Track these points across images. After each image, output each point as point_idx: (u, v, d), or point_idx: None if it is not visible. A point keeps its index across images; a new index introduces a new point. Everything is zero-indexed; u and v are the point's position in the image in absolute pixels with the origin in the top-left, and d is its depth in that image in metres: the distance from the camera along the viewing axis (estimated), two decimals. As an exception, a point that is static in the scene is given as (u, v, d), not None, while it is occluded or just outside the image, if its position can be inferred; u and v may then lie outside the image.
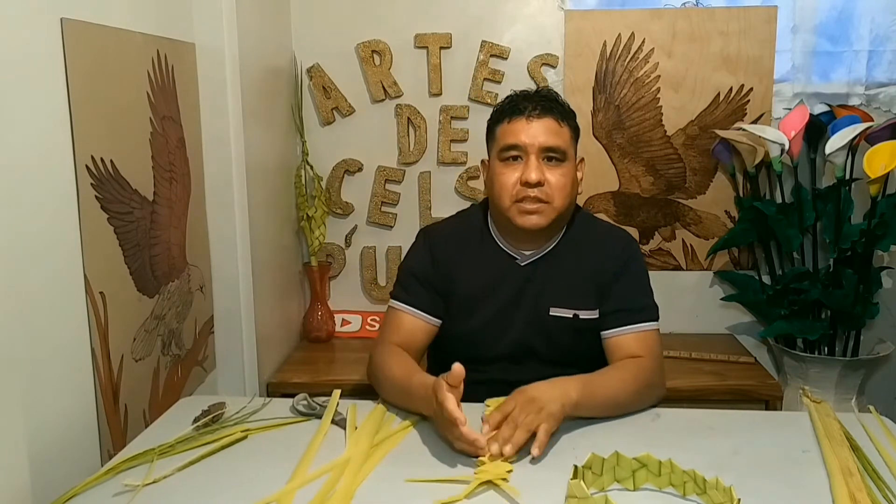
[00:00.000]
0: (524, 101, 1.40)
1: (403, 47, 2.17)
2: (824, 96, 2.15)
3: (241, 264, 1.77)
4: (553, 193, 1.37)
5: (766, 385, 1.92)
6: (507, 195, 1.39)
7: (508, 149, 1.39)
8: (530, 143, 1.37)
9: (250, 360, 1.82)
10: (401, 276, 1.53)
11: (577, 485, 0.93)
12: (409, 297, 1.48)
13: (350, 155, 2.24)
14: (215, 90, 1.69)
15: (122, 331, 1.33)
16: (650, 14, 2.13)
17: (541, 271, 1.46)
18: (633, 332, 1.41)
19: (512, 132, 1.38)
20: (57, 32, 1.16)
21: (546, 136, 1.37)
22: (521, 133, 1.37)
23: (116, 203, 1.32)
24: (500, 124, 1.42)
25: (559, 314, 1.44)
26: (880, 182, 1.86)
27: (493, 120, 1.45)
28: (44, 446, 1.12)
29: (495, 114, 1.45)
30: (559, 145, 1.38)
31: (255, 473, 1.10)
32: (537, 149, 1.37)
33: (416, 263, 1.51)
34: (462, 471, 1.09)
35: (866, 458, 1.12)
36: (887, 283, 2.18)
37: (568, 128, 1.41)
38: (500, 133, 1.41)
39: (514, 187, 1.38)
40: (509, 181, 1.38)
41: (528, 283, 1.45)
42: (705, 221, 2.23)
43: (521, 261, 1.46)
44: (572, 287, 1.45)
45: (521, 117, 1.38)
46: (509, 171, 1.39)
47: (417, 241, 1.56)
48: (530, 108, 1.38)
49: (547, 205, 1.38)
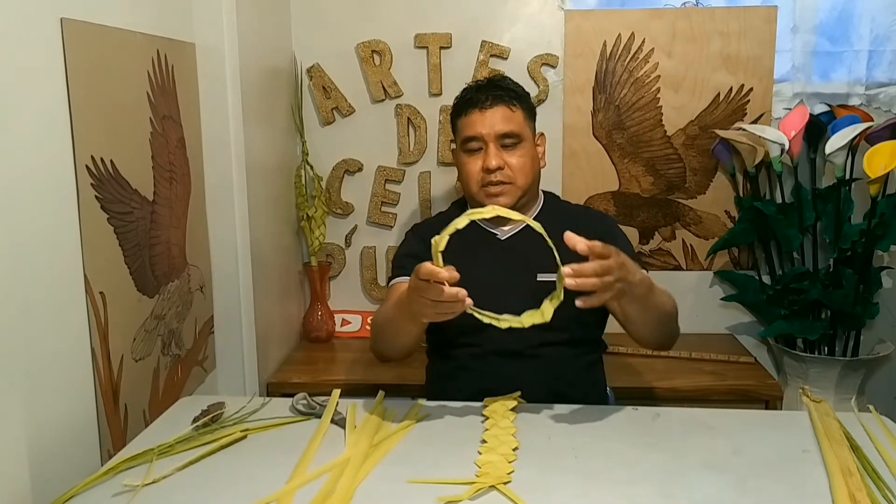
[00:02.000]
0: (476, 92, 1.53)
1: (403, 47, 2.17)
2: (824, 96, 2.15)
3: (241, 264, 1.77)
4: (515, 174, 1.50)
5: (766, 385, 1.92)
6: (473, 182, 1.52)
7: (468, 140, 1.52)
8: (486, 132, 1.49)
9: (250, 360, 1.82)
10: (395, 262, 1.62)
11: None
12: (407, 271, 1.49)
13: (350, 155, 2.24)
14: (215, 90, 1.69)
15: (122, 331, 1.33)
16: (650, 14, 2.13)
17: (522, 242, 1.54)
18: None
19: (469, 125, 1.51)
20: (57, 32, 1.16)
21: (500, 123, 1.49)
22: (477, 124, 1.50)
23: (116, 203, 1.32)
24: (460, 118, 1.55)
25: (547, 278, 1.48)
26: (880, 182, 1.86)
27: (453, 114, 1.58)
28: (44, 446, 1.12)
29: (454, 108, 1.58)
30: (513, 129, 1.50)
31: (254, 473, 1.10)
32: (493, 136, 1.49)
33: (409, 248, 1.61)
34: (463, 472, 1.09)
35: (866, 457, 1.12)
36: (887, 283, 2.18)
37: (521, 110, 1.53)
38: (460, 126, 1.55)
39: (478, 174, 1.51)
40: (474, 169, 1.51)
41: (511, 255, 1.54)
42: (705, 221, 2.23)
43: (501, 235, 1.57)
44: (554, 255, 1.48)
45: (475, 109, 1.51)
46: (472, 160, 1.52)
47: (406, 236, 1.68)
48: (482, 100, 1.50)
49: (510, 185, 1.50)
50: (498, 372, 1.46)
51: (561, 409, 1.32)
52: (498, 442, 1.16)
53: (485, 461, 1.10)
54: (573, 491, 1.04)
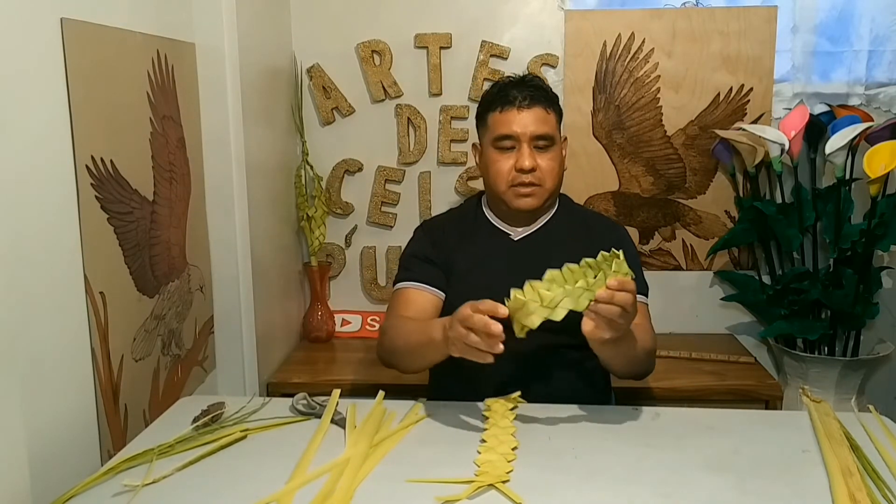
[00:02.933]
0: (513, 89, 1.49)
1: (403, 47, 2.17)
2: (824, 96, 2.15)
3: (241, 264, 1.77)
4: (544, 177, 1.49)
5: (766, 385, 1.92)
6: (503, 181, 1.49)
7: (502, 138, 1.49)
8: (522, 132, 1.47)
9: (250, 360, 1.82)
10: (403, 262, 1.59)
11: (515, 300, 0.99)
12: (414, 275, 1.54)
13: (350, 155, 2.24)
14: (215, 90, 1.69)
15: (122, 331, 1.33)
16: (650, 14, 2.13)
17: (534, 245, 1.54)
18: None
19: (504, 122, 1.48)
20: (57, 32, 1.16)
21: (536, 125, 1.47)
22: (513, 123, 1.47)
23: (116, 203, 1.32)
24: (492, 113, 1.51)
25: None
26: (880, 182, 1.86)
27: (484, 107, 1.54)
28: (44, 446, 1.12)
29: (486, 102, 1.53)
30: (548, 132, 1.48)
31: (254, 473, 1.10)
32: (528, 137, 1.47)
33: (417, 248, 1.59)
34: (463, 472, 1.09)
35: (866, 457, 1.12)
36: (887, 283, 2.18)
37: (554, 113, 1.51)
38: (493, 122, 1.51)
39: (509, 173, 1.48)
40: (504, 168, 1.49)
41: (523, 257, 1.53)
42: (705, 221, 2.23)
43: (514, 236, 1.56)
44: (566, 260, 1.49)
45: (513, 108, 1.48)
46: (503, 158, 1.49)
47: (416, 234, 1.64)
48: (520, 99, 1.48)
49: (539, 187, 1.49)
50: (503, 374, 1.44)
51: (561, 409, 1.32)
52: (497, 441, 1.16)
53: (483, 460, 1.11)
54: (573, 491, 1.04)
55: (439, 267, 1.55)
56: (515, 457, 1.12)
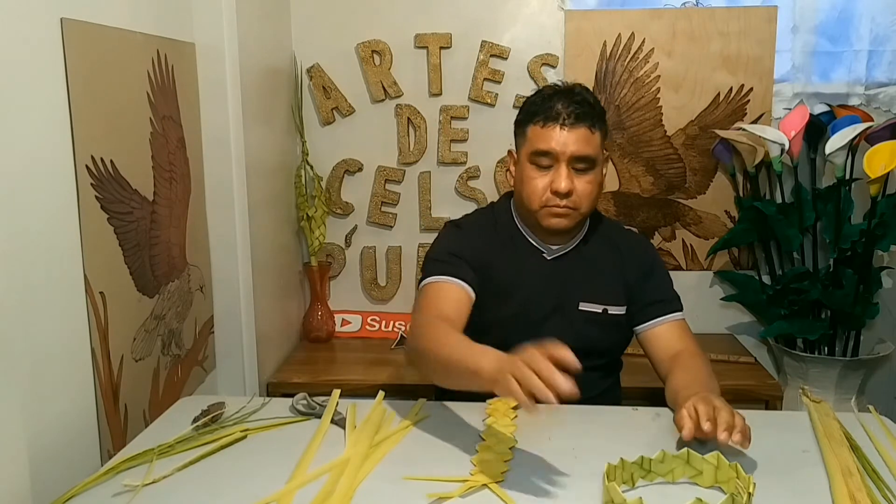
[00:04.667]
0: (559, 103, 1.37)
1: (403, 47, 2.17)
2: (824, 96, 2.15)
3: (241, 264, 1.77)
4: (580, 200, 1.39)
5: (766, 385, 1.92)
6: (536, 199, 1.39)
7: (540, 154, 1.38)
8: (562, 151, 1.36)
9: (250, 360, 1.82)
10: (434, 256, 1.45)
11: (612, 487, 0.94)
12: (448, 269, 1.41)
13: (350, 155, 2.24)
14: (215, 90, 1.69)
15: (122, 331, 1.33)
16: (650, 14, 2.13)
17: (567, 266, 1.47)
18: (672, 321, 1.47)
19: (544, 138, 1.37)
20: (57, 32, 1.16)
21: (577, 145, 1.36)
22: (553, 141, 1.36)
23: (116, 203, 1.32)
24: (533, 125, 1.39)
25: (589, 308, 1.46)
26: (880, 182, 1.86)
27: (525, 118, 1.42)
28: (44, 446, 1.12)
29: (528, 112, 1.41)
30: (589, 154, 1.37)
31: (254, 473, 1.10)
32: (568, 157, 1.36)
33: (452, 243, 1.46)
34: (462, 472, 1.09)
35: (866, 458, 1.12)
36: (887, 283, 2.18)
37: (599, 133, 1.39)
38: (532, 135, 1.39)
39: (543, 192, 1.38)
40: (539, 186, 1.38)
41: (555, 277, 1.46)
42: (705, 221, 2.23)
43: (548, 255, 1.47)
44: (601, 282, 1.47)
45: (556, 125, 1.36)
46: (539, 175, 1.39)
47: (447, 230, 1.52)
48: (564, 116, 1.36)
49: (574, 210, 1.39)
50: None
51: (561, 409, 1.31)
52: (496, 441, 1.16)
53: (480, 460, 1.10)
54: (573, 491, 1.04)
55: (473, 267, 1.43)
56: (512, 456, 1.12)
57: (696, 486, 1.06)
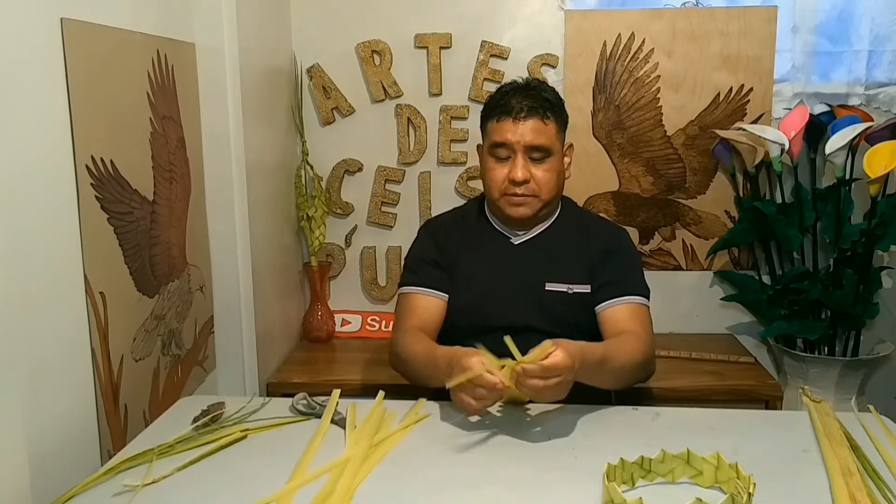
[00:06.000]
0: (512, 98, 1.47)
1: (403, 47, 2.17)
2: (824, 96, 2.15)
3: (241, 264, 1.77)
4: (539, 188, 1.48)
5: (766, 385, 1.92)
6: (496, 189, 1.50)
7: (496, 146, 1.48)
8: (516, 141, 1.46)
9: (250, 360, 1.82)
10: (408, 264, 1.61)
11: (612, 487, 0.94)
12: (419, 279, 1.56)
13: (350, 155, 2.24)
14: (215, 90, 1.69)
15: (122, 331, 1.33)
16: (650, 14, 2.13)
17: (534, 250, 1.55)
18: (626, 303, 1.48)
19: (499, 131, 1.47)
20: (57, 32, 1.16)
21: (531, 135, 1.45)
22: (508, 132, 1.46)
23: (116, 203, 1.32)
24: (490, 121, 1.50)
25: (554, 288, 1.52)
26: (880, 182, 1.86)
27: (484, 114, 1.54)
28: (44, 446, 1.12)
29: (486, 108, 1.53)
30: (543, 143, 1.46)
31: (254, 473, 1.10)
32: (522, 147, 1.46)
33: (422, 249, 1.60)
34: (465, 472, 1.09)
35: (866, 457, 1.12)
36: (887, 283, 2.18)
37: (554, 122, 1.48)
38: (490, 129, 1.50)
39: (502, 182, 1.48)
40: (498, 177, 1.49)
41: (523, 260, 1.54)
42: (705, 221, 2.23)
43: (515, 240, 1.56)
44: (566, 264, 1.53)
45: (509, 118, 1.46)
46: (498, 167, 1.49)
47: (420, 234, 1.65)
48: (517, 109, 1.46)
49: (533, 198, 1.48)
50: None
51: (561, 409, 1.32)
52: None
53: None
54: (573, 491, 1.04)
55: (444, 269, 1.56)
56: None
57: (697, 486, 1.06)
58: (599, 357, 1.27)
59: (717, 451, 1.05)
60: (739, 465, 1.02)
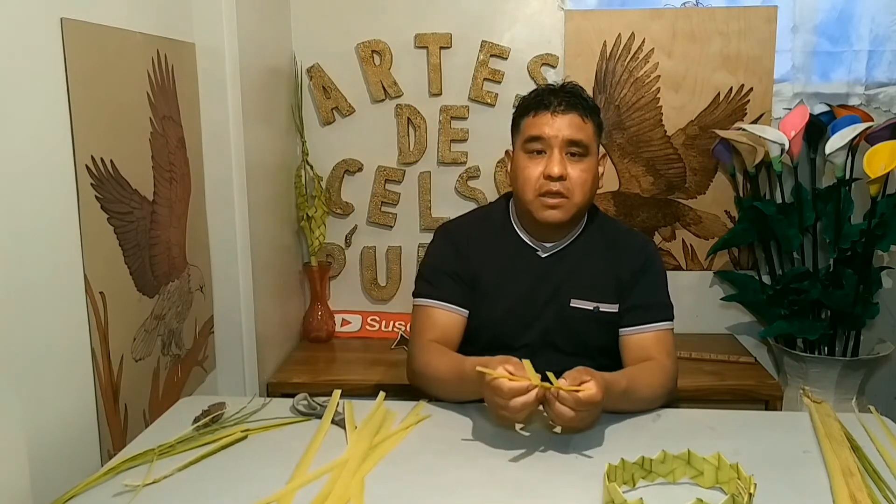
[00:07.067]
0: (550, 95, 1.41)
1: (403, 47, 2.17)
2: (824, 96, 2.15)
3: (241, 264, 1.77)
4: (574, 188, 1.39)
5: (766, 385, 1.92)
6: (530, 188, 1.41)
7: (532, 140, 1.40)
8: (554, 135, 1.38)
9: (250, 360, 1.82)
10: (425, 273, 1.51)
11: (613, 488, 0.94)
12: (437, 291, 1.47)
13: (350, 155, 2.24)
14: (215, 90, 1.69)
15: (122, 331, 1.33)
16: (650, 14, 2.13)
17: (561, 263, 1.47)
18: (651, 331, 1.43)
19: (536, 125, 1.40)
20: (57, 32, 1.16)
21: (570, 130, 1.38)
22: (545, 126, 1.39)
23: (116, 203, 1.32)
24: (526, 118, 1.43)
25: (580, 306, 1.46)
26: (880, 182, 1.86)
27: (519, 113, 1.46)
28: (44, 446, 1.12)
29: (521, 107, 1.46)
30: (582, 139, 1.39)
31: (255, 473, 1.10)
32: (560, 142, 1.38)
33: (441, 257, 1.50)
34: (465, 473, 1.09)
35: (866, 458, 1.12)
36: (887, 283, 2.18)
37: (592, 123, 1.41)
38: (525, 125, 1.42)
39: (537, 181, 1.40)
40: (533, 174, 1.40)
41: (549, 275, 1.46)
42: (705, 221, 2.23)
43: (542, 252, 1.48)
44: (593, 281, 1.47)
45: (547, 112, 1.39)
46: (533, 164, 1.40)
47: (437, 238, 1.55)
48: (555, 104, 1.39)
49: (567, 199, 1.39)
50: None
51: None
52: None
53: None
54: (573, 491, 1.04)
55: (464, 282, 1.47)
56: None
57: (697, 487, 1.06)
58: (623, 389, 1.25)
59: (717, 452, 1.05)
60: (740, 465, 1.02)
